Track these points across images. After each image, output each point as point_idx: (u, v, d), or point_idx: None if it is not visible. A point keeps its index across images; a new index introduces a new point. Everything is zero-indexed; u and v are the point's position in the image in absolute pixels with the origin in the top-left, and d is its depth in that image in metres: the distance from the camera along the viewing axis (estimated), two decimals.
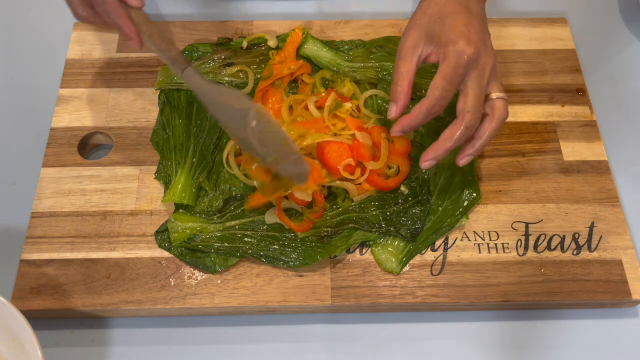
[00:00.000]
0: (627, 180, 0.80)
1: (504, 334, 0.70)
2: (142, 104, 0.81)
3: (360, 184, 0.73)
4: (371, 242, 0.72)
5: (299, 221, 0.71)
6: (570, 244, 0.72)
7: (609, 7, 0.96)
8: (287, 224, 0.70)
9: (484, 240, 0.73)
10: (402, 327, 0.71)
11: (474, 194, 0.73)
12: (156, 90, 0.80)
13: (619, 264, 0.71)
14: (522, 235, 0.73)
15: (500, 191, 0.76)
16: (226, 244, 0.70)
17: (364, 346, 0.70)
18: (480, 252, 0.72)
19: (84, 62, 0.84)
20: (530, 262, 0.71)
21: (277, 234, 0.71)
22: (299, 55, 0.82)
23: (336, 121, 0.73)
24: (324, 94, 0.76)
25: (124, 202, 0.74)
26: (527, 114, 0.81)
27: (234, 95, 0.66)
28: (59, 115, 0.79)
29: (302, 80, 0.80)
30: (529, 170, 0.77)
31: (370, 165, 0.72)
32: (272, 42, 0.83)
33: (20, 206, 0.75)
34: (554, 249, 0.72)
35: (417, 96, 0.79)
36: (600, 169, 0.77)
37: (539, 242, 0.72)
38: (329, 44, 0.84)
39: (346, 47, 0.84)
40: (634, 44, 0.92)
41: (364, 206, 0.72)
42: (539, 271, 0.71)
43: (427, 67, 0.78)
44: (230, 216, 0.72)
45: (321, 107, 0.74)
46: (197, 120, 0.77)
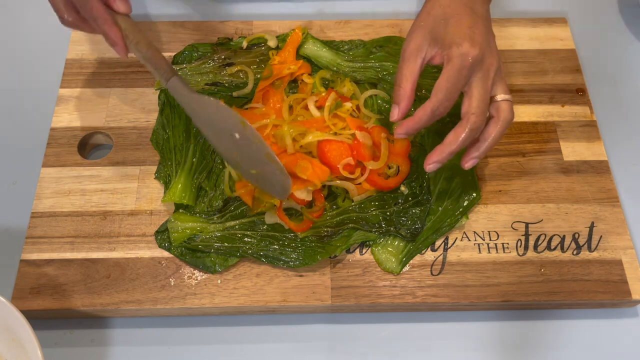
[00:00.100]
0: (627, 180, 0.80)
1: (504, 334, 0.70)
2: (142, 104, 0.81)
3: (360, 183, 0.73)
4: (371, 242, 0.72)
5: (299, 221, 0.71)
6: (570, 244, 0.72)
7: (609, 7, 0.96)
8: (287, 224, 0.70)
9: (484, 240, 0.73)
10: (402, 327, 0.71)
11: (474, 194, 0.73)
12: (156, 90, 0.80)
13: (619, 264, 0.71)
14: (522, 235, 0.73)
15: (500, 191, 0.76)
16: (226, 244, 0.70)
17: (364, 346, 0.70)
18: (480, 252, 0.72)
19: (84, 62, 0.84)
20: (530, 262, 0.71)
21: (277, 234, 0.71)
22: (299, 55, 0.82)
23: (336, 121, 0.73)
24: (324, 94, 0.76)
25: (124, 202, 0.74)
26: (527, 114, 0.81)
27: (218, 106, 0.64)
28: (59, 115, 0.79)
29: (302, 80, 0.80)
30: (529, 170, 0.77)
31: (370, 165, 0.72)
32: (272, 42, 0.83)
33: (20, 206, 0.75)
34: (554, 249, 0.72)
35: (418, 96, 0.79)
36: (600, 169, 0.77)
37: (539, 242, 0.72)
38: (329, 44, 0.84)
39: (346, 47, 0.84)
40: (634, 44, 0.92)
41: (364, 206, 0.72)
42: (539, 271, 0.71)
43: (427, 67, 0.78)
44: (230, 216, 0.72)
45: (321, 107, 0.74)
46: None
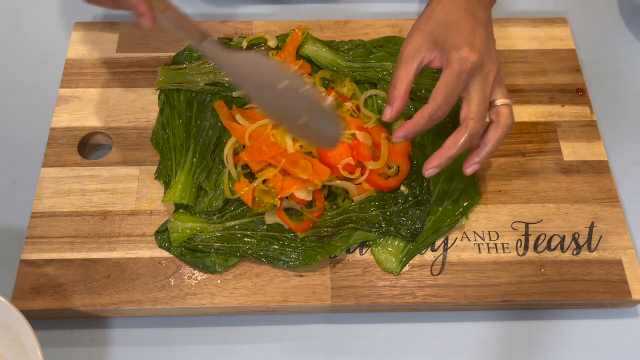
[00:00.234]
0: (627, 180, 0.80)
1: (504, 334, 0.70)
2: (142, 104, 0.81)
3: (360, 183, 0.73)
4: (371, 242, 0.72)
5: (299, 221, 0.71)
6: (570, 244, 0.72)
7: (609, 7, 0.96)
8: (287, 224, 0.70)
9: (484, 240, 0.72)
10: (402, 327, 0.71)
11: (474, 194, 0.73)
12: (156, 90, 0.80)
13: (619, 264, 0.71)
14: (522, 235, 0.73)
15: (500, 191, 0.76)
16: (226, 244, 0.70)
17: (364, 346, 0.70)
18: (480, 252, 0.72)
19: (84, 62, 0.84)
20: (530, 262, 0.71)
21: (277, 234, 0.71)
22: (299, 55, 0.82)
23: None
24: (324, 94, 0.76)
25: (124, 202, 0.74)
26: (527, 114, 0.81)
27: (257, 59, 0.63)
28: (59, 115, 0.79)
29: None
30: (529, 170, 0.77)
31: (370, 165, 0.72)
32: (272, 42, 0.83)
33: (20, 206, 0.75)
34: (554, 249, 0.72)
35: (417, 96, 0.79)
36: (600, 169, 0.77)
37: (539, 242, 0.72)
38: (329, 44, 0.83)
39: (346, 47, 0.84)
40: (634, 44, 0.92)
41: (364, 206, 0.72)
42: (539, 271, 0.71)
43: (427, 67, 0.78)
44: (230, 216, 0.72)
45: None
46: (197, 120, 0.77)
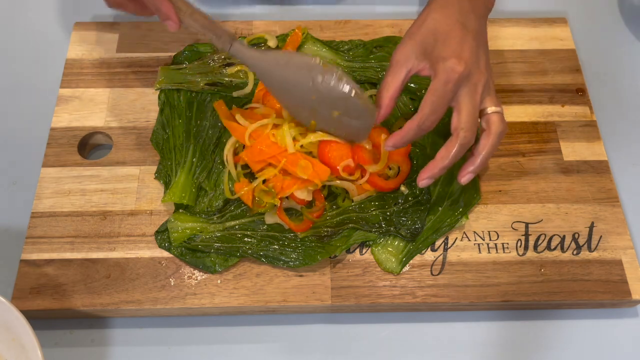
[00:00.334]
0: (627, 180, 0.80)
1: (504, 334, 0.70)
2: (142, 104, 0.81)
3: (360, 184, 0.73)
4: (371, 242, 0.72)
5: (299, 221, 0.71)
6: (570, 244, 0.72)
7: (609, 7, 0.96)
8: (287, 224, 0.70)
9: (484, 240, 0.72)
10: (402, 327, 0.71)
11: (474, 194, 0.74)
12: (156, 90, 0.80)
13: (619, 264, 0.71)
14: (522, 235, 0.73)
15: (500, 191, 0.76)
16: (226, 244, 0.70)
17: (364, 346, 0.69)
18: (480, 252, 0.72)
19: (84, 62, 0.84)
20: (530, 262, 0.71)
21: (277, 234, 0.71)
22: None
23: None
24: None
25: (124, 202, 0.74)
26: (527, 114, 0.81)
27: (289, 56, 0.64)
28: (59, 115, 0.79)
29: None
30: (529, 170, 0.77)
31: (370, 168, 0.72)
32: (272, 42, 0.83)
33: (20, 206, 0.75)
34: (554, 249, 0.72)
35: (417, 96, 0.79)
36: (600, 169, 0.77)
37: (539, 242, 0.72)
38: (329, 44, 0.83)
39: (346, 47, 0.84)
40: (634, 44, 0.92)
41: (364, 206, 0.72)
42: (539, 271, 0.71)
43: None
44: (230, 216, 0.72)
45: None
46: (197, 120, 0.77)
